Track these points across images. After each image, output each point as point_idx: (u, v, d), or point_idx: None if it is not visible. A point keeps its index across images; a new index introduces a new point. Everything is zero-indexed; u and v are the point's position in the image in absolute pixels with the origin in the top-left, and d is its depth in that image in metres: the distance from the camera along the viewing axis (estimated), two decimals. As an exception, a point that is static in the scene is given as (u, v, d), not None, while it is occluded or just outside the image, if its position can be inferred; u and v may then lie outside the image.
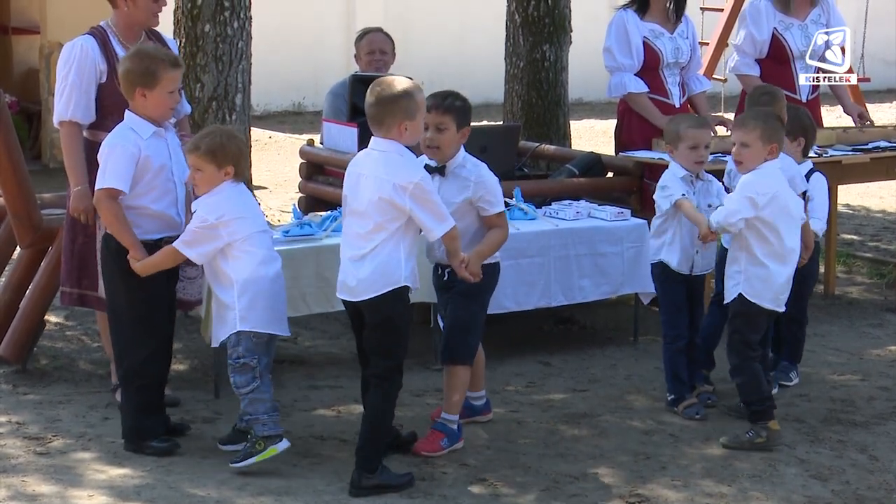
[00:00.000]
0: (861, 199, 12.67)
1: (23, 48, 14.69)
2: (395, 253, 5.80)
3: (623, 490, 5.88)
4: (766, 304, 6.42)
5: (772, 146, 6.42)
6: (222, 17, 8.09)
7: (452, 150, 6.18)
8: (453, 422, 6.27)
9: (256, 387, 5.96)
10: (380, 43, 8.82)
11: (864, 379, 7.47)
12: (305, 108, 18.32)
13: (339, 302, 6.16)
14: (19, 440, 6.32)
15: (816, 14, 9.06)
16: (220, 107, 8.07)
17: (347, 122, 8.41)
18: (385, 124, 5.82)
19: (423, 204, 5.77)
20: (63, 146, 6.65)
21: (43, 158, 13.56)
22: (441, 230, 5.83)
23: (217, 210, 5.95)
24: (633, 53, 8.69)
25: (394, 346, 5.89)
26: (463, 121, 6.20)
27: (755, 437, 6.37)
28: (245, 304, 5.95)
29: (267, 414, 5.96)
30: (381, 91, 5.84)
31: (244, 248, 5.96)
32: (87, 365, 7.44)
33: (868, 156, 8.76)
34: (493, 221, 6.17)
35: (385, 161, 5.81)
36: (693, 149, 6.76)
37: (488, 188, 6.14)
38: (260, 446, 5.94)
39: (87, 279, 6.69)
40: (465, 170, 6.17)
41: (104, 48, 6.63)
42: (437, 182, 6.11)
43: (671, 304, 6.88)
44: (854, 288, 9.48)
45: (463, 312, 6.23)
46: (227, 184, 6.00)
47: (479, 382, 6.59)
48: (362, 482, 5.78)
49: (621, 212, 7.79)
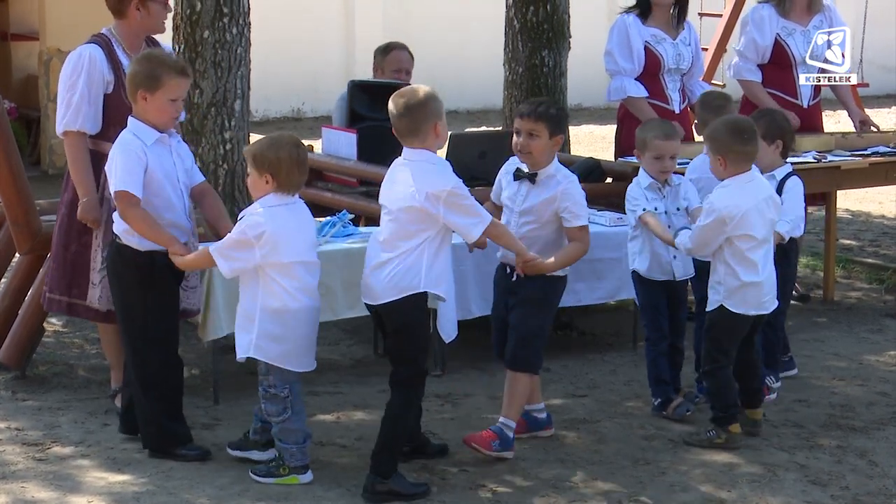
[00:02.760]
0: (860, 204, 12.68)
1: (22, 54, 14.69)
2: (419, 259, 5.80)
3: (622, 496, 5.88)
4: (750, 311, 6.42)
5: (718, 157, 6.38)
6: (221, 23, 8.09)
7: (546, 158, 6.20)
8: (510, 428, 6.25)
9: (288, 417, 5.90)
10: (406, 62, 8.85)
11: (863, 384, 7.47)
12: (304, 114, 18.33)
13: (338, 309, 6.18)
14: (18, 446, 6.32)
15: (819, 20, 9.07)
16: (218, 113, 8.07)
17: (347, 128, 8.42)
18: (421, 131, 5.83)
19: (457, 209, 5.77)
20: (69, 156, 6.58)
21: (42, 165, 13.57)
22: (478, 229, 5.83)
23: (257, 226, 5.81)
24: (633, 57, 8.70)
25: (414, 353, 5.88)
26: (556, 129, 6.21)
27: (715, 437, 6.43)
28: (263, 333, 5.86)
29: (297, 445, 5.90)
30: (408, 100, 5.85)
31: (277, 276, 5.83)
32: (85, 371, 7.44)
33: (867, 161, 8.76)
34: (574, 234, 6.21)
35: (417, 171, 5.81)
36: (657, 159, 6.77)
37: (573, 200, 6.18)
38: (284, 471, 5.90)
39: (77, 288, 6.66)
40: (555, 180, 6.20)
41: (110, 57, 6.61)
42: (526, 188, 6.20)
43: (649, 306, 6.89)
44: (853, 293, 9.47)
45: (533, 321, 6.23)
46: (274, 197, 5.87)
47: (538, 394, 6.58)
48: (376, 487, 5.77)
49: (620, 217, 7.78)
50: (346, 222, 7.27)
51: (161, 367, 6.13)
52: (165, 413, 6.15)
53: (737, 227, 6.30)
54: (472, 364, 7.58)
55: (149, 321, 6.11)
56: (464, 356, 7.52)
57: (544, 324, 6.30)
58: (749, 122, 6.55)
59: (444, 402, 7.01)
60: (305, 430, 5.96)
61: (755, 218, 6.33)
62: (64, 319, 8.12)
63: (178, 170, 6.19)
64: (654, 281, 6.85)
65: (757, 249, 6.35)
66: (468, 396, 7.13)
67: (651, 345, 6.87)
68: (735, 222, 6.29)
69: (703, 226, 6.38)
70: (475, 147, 8.16)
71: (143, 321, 6.11)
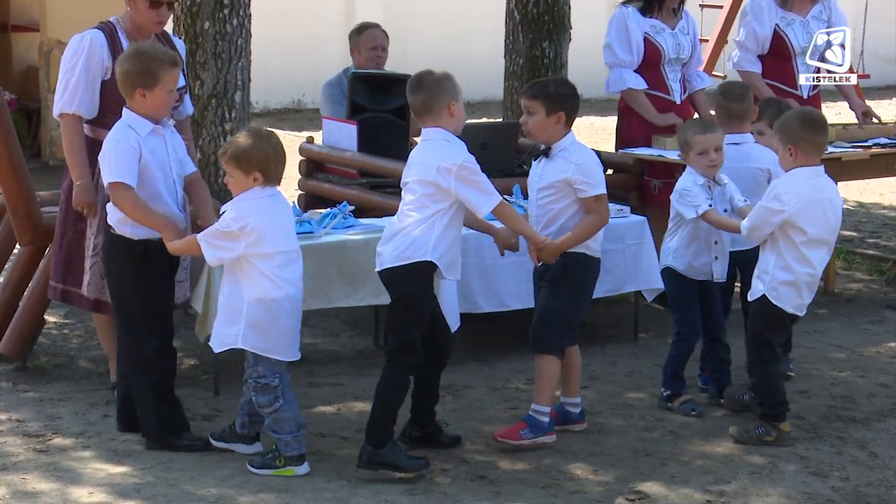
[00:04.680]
0: (861, 195, 12.67)
1: (22, 46, 14.67)
2: (428, 231, 5.90)
3: (623, 487, 5.88)
4: (788, 308, 6.38)
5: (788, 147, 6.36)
6: (222, 14, 8.09)
7: (548, 134, 6.28)
8: (542, 413, 6.26)
9: (280, 406, 5.92)
10: (381, 39, 8.92)
11: (863, 375, 7.47)
12: (305, 105, 18.30)
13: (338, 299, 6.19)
14: (19, 438, 6.32)
15: (818, 10, 9.06)
16: (219, 104, 8.07)
17: (347, 120, 8.41)
18: (434, 109, 5.99)
19: (468, 183, 5.90)
20: (64, 139, 6.62)
21: (42, 156, 13.55)
22: (488, 205, 5.94)
23: (242, 218, 5.87)
24: (633, 49, 8.68)
25: (405, 324, 5.95)
26: (553, 106, 6.25)
27: (764, 434, 6.35)
28: (250, 324, 5.90)
29: (292, 434, 5.92)
30: (423, 79, 6.05)
31: (260, 266, 5.88)
32: (86, 363, 7.44)
33: (868, 152, 8.75)
34: (590, 205, 6.22)
35: (431, 147, 5.98)
36: (702, 154, 6.73)
37: (585, 170, 6.23)
38: (280, 463, 5.92)
39: (71, 276, 6.70)
40: (568, 152, 6.26)
41: (112, 44, 6.62)
42: (542, 164, 6.29)
43: (681, 301, 6.84)
44: (854, 285, 9.47)
45: (549, 301, 6.28)
46: (257, 190, 5.92)
47: (575, 387, 6.56)
48: (368, 456, 5.85)
49: (621, 209, 7.78)
50: (346, 214, 7.27)
51: (156, 356, 6.16)
52: (161, 399, 6.18)
53: (793, 217, 6.26)
54: (473, 355, 7.58)
55: (143, 310, 6.14)
56: (465, 347, 7.52)
57: (564, 304, 6.28)
58: (819, 114, 6.62)
59: (445, 394, 7.00)
60: (298, 419, 5.97)
61: (814, 212, 6.29)
62: (65, 311, 8.12)
63: (171, 160, 6.21)
64: (690, 279, 6.84)
65: (810, 247, 6.30)
66: (469, 388, 7.13)
67: (680, 339, 6.83)
68: (793, 211, 6.25)
69: (763, 206, 6.35)
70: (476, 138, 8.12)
71: (138, 310, 6.15)
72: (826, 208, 6.35)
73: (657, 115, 8.63)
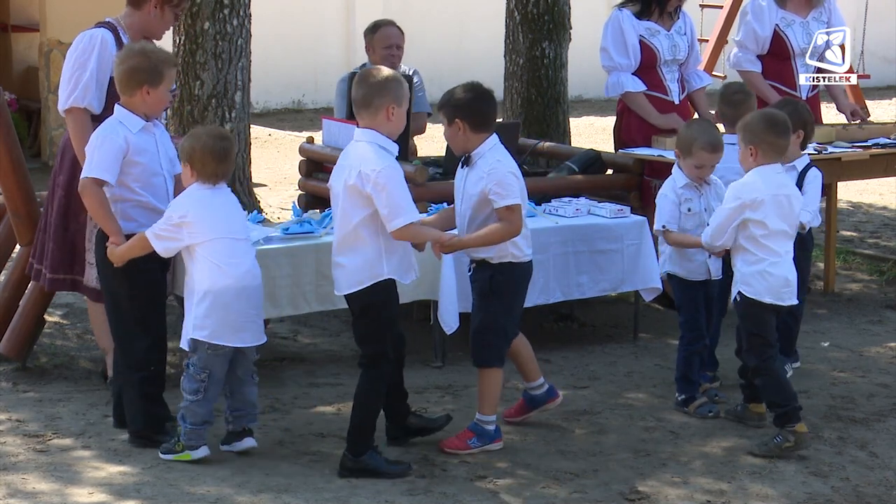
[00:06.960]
0: (860, 195, 12.67)
1: (22, 46, 14.68)
2: (373, 245, 5.82)
3: (623, 487, 5.88)
4: (765, 299, 6.39)
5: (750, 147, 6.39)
6: (222, 14, 8.10)
7: (459, 143, 6.15)
8: (488, 422, 6.25)
9: (197, 400, 6.00)
10: (396, 38, 8.82)
11: (863, 375, 7.47)
12: (305, 105, 18.31)
13: (339, 299, 6.18)
14: (19, 438, 6.33)
15: (818, 11, 9.07)
16: (219, 104, 8.08)
17: (347, 120, 8.41)
18: (373, 106, 5.84)
19: (382, 193, 5.74)
20: (74, 132, 6.61)
21: (42, 156, 13.55)
22: (397, 222, 5.77)
23: (180, 209, 5.99)
24: (629, 52, 8.68)
25: (375, 334, 5.93)
26: (450, 115, 6.12)
27: (783, 442, 6.25)
28: (202, 313, 5.97)
29: (194, 426, 6.00)
30: (371, 76, 5.92)
31: (204, 254, 5.97)
32: (86, 363, 7.44)
33: (867, 152, 8.76)
34: (501, 214, 6.04)
35: (360, 150, 5.85)
36: (698, 168, 6.75)
37: (498, 179, 6.03)
38: (179, 448, 6.02)
39: (78, 265, 6.79)
40: (483, 160, 6.10)
41: (118, 44, 6.65)
42: (466, 173, 6.15)
43: (691, 305, 6.85)
44: (853, 285, 9.47)
45: (481, 315, 6.23)
46: (197, 185, 6.02)
47: (534, 372, 6.52)
48: (347, 464, 5.89)
49: (621, 209, 7.78)
50: (346, 213, 7.25)
51: (146, 351, 6.20)
52: (148, 396, 6.21)
53: (753, 212, 6.29)
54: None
55: (134, 307, 6.19)
56: (464, 348, 7.49)
57: (497, 317, 6.20)
58: (784, 117, 6.57)
59: (445, 394, 7.01)
60: (208, 418, 6.05)
61: (772, 207, 6.32)
62: (65, 311, 8.12)
63: (161, 158, 6.27)
64: (695, 282, 6.84)
65: (772, 238, 6.33)
66: (468, 388, 7.12)
67: (687, 343, 6.83)
68: (752, 207, 6.28)
69: (721, 209, 6.39)
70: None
71: (129, 307, 6.19)
72: (783, 203, 6.38)
73: (658, 116, 8.63)
